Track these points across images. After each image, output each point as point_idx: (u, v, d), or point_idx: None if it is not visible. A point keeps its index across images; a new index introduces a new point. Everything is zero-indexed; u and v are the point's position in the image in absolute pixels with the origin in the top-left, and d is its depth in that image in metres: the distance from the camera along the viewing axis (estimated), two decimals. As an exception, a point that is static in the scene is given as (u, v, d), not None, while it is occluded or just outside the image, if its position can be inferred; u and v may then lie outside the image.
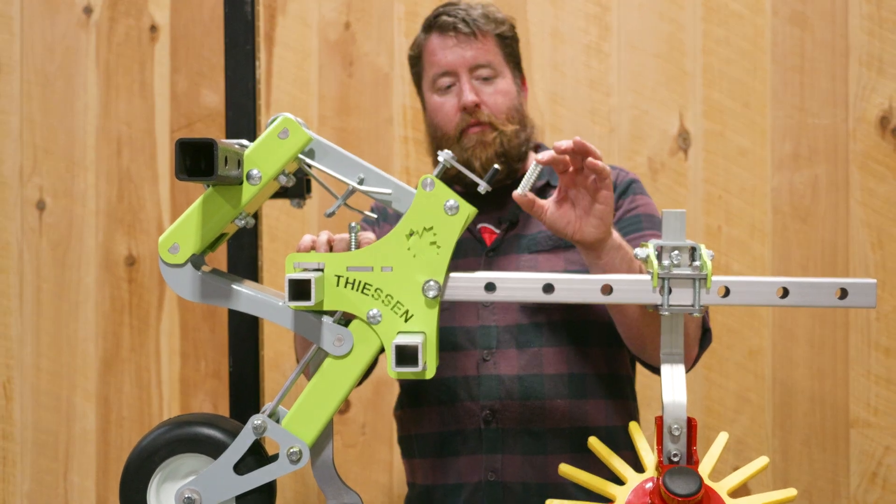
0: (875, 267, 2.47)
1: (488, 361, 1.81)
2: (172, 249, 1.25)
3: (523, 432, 1.79)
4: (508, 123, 1.86)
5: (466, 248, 1.87)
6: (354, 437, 2.59)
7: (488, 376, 1.80)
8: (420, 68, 1.94)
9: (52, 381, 2.65)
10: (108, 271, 2.63)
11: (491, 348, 1.81)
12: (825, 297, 1.26)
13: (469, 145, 1.84)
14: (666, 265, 1.25)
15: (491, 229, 1.90)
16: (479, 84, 1.86)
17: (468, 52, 1.86)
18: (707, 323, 1.80)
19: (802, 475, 2.49)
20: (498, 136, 1.85)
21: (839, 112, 2.49)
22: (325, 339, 1.27)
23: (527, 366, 1.80)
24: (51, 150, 2.65)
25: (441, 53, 1.88)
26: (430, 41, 1.90)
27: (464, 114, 1.85)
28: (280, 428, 1.26)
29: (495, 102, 1.86)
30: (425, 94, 1.93)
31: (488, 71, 1.87)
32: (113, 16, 2.64)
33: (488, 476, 1.79)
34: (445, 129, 1.87)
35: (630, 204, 1.88)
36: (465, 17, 1.87)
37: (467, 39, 1.86)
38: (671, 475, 1.25)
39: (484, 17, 1.88)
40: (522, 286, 1.30)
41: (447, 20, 1.87)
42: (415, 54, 1.96)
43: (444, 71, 1.87)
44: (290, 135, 1.26)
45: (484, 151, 1.84)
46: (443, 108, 1.88)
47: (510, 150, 1.86)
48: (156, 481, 1.28)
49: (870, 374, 2.48)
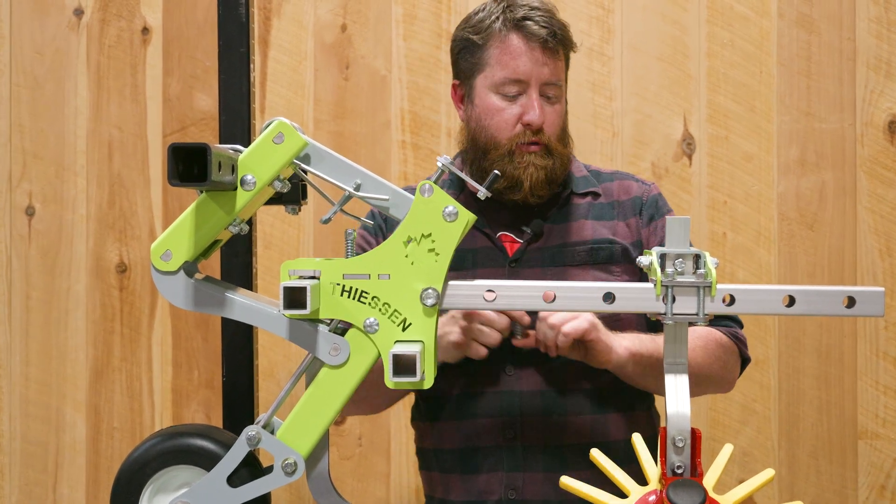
0: (884, 274, 2.48)
1: (511, 377, 1.79)
2: (165, 256, 1.26)
3: (544, 449, 1.79)
4: (560, 146, 1.84)
5: (487, 257, 1.84)
6: (351, 448, 2.57)
7: (510, 392, 1.79)
8: (481, 59, 1.85)
9: (42, 391, 2.63)
10: (98, 278, 2.62)
11: (515, 364, 1.79)
12: (832, 305, 1.26)
13: (522, 163, 1.81)
14: (670, 273, 1.25)
15: (512, 238, 1.87)
16: (544, 101, 1.82)
17: (545, 69, 1.80)
18: (745, 352, 1.86)
19: (809, 487, 2.49)
20: (550, 163, 1.82)
21: (846, 116, 2.49)
22: (321, 349, 1.27)
23: (548, 381, 1.79)
24: (40, 154, 2.64)
25: (520, 60, 1.80)
26: (509, 39, 1.81)
27: (525, 130, 1.81)
28: (275, 439, 1.27)
29: (554, 122, 1.83)
30: (480, 88, 1.85)
31: (555, 90, 1.83)
32: (104, 17, 2.63)
33: (508, 494, 1.78)
34: (497, 136, 1.82)
35: (663, 225, 1.88)
36: (554, 29, 1.81)
37: (550, 54, 1.81)
38: (675, 488, 1.25)
39: (565, 31, 1.84)
40: (522, 294, 1.30)
41: (535, 29, 1.80)
42: (478, 42, 1.85)
43: (516, 78, 1.81)
44: (285, 139, 1.27)
45: (536, 173, 1.80)
46: (502, 114, 1.82)
47: (558, 176, 1.84)
48: (147, 493, 1.29)
49: (878, 384, 2.47)
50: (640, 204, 1.88)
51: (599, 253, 1.82)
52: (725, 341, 1.82)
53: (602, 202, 1.88)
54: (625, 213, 1.87)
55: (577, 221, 1.85)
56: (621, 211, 1.87)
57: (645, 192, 1.90)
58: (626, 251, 1.83)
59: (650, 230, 1.86)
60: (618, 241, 1.83)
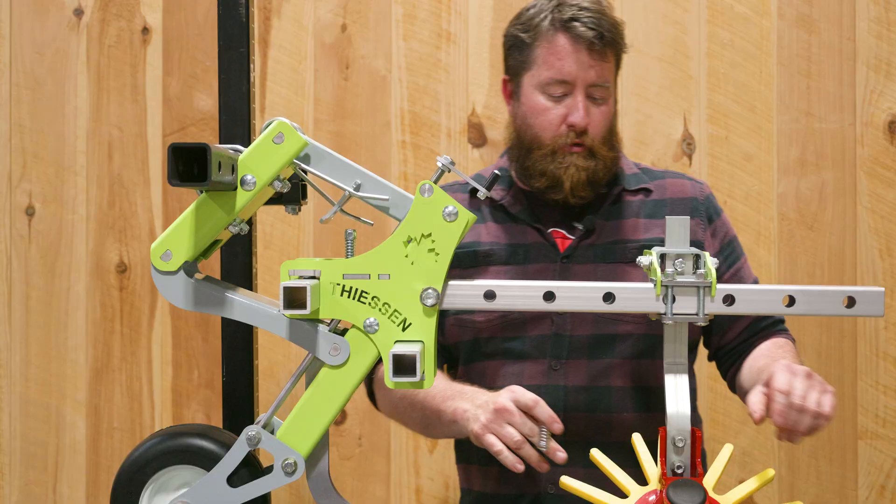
0: (884, 274, 2.47)
1: (557, 371, 1.79)
2: (165, 256, 1.25)
3: (586, 445, 1.76)
4: (606, 149, 1.83)
5: (539, 253, 1.84)
6: (351, 448, 2.57)
7: (555, 386, 1.79)
8: (529, 57, 1.84)
9: (42, 391, 2.63)
10: (98, 279, 2.62)
11: (561, 358, 1.79)
12: (832, 305, 1.26)
13: (564, 163, 1.80)
14: (669, 273, 1.25)
15: (563, 234, 1.87)
16: (590, 103, 1.81)
17: (591, 71, 1.80)
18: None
19: (809, 488, 2.49)
20: (595, 164, 1.81)
21: (846, 116, 2.48)
22: (321, 349, 1.27)
23: (596, 377, 1.79)
24: (40, 154, 2.63)
25: (566, 61, 1.80)
26: (556, 39, 1.81)
27: (569, 131, 1.81)
28: (275, 439, 1.26)
29: (599, 124, 1.82)
30: (527, 86, 1.84)
31: (602, 91, 1.82)
32: (104, 17, 2.63)
33: (548, 489, 1.78)
34: (541, 135, 1.82)
35: (722, 227, 1.90)
36: (601, 31, 1.79)
37: (598, 56, 1.80)
38: (675, 488, 1.25)
39: (615, 32, 1.82)
40: (523, 294, 1.30)
41: (582, 31, 1.79)
42: (526, 40, 1.85)
43: (562, 79, 1.80)
44: (285, 139, 1.26)
45: (577, 174, 1.80)
46: (547, 113, 1.82)
47: (601, 178, 1.84)
48: (147, 493, 1.29)
49: (878, 384, 2.47)
50: (697, 204, 1.88)
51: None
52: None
53: (654, 199, 1.88)
54: (678, 212, 1.85)
55: (630, 219, 1.85)
56: (674, 209, 1.87)
57: (700, 192, 1.90)
58: None
59: (709, 232, 1.87)
60: None
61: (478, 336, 1.84)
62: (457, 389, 1.73)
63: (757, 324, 1.86)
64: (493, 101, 2.54)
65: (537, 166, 1.82)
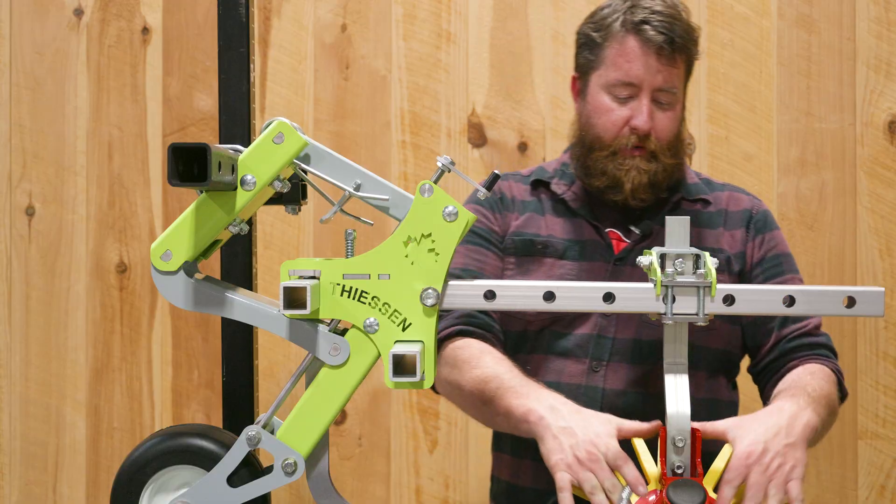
0: (884, 274, 2.47)
1: (597, 373, 1.78)
2: (165, 256, 1.25)
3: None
4: (669, 154, 1.82)
5: (594, 251, 1.84)
6: (351, 448, 2.56)
7: (593, 388, 1.78)
8: (598, 57, 1.83)
9: (42, 391, 2.63)
10: (98, 279, 2.61)
11: (602, 360, 1.78)
12: (832, 305, 1.27)
13: (625, 166, 1.80)
14: (669, 273, 1.25)
15: (619, 236, 1.86)
16: (656, 107, 1.80)
17: (659, 76, 1.79)
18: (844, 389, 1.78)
19: (810, 487, 2.48)
20: (655, 168, 1.81)
21: (846, 116, 2.48)
22: (321, 349, 1.26)
23: (634, 383, 1.77)
24: (40, 154, 2.63)
25: (634, 64, 1.79)
26: (626, 41, 1.80)
27: (631, 133, 1.80)
28: (275, 439, 1.26)
29: (664, 129, 1.81)
30: (594, 86, 1.84)
31: (669, 97, 1.81)
32: (104, 17, 2.62)
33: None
34: (604, 136, 1.82)
35: (770, 241, 1.87)
36: (672, 36, 1.78)
37: (666, 60, 1.79)
38: (675, 488, 1.26)
39: (687, 37, 1.80)
40: (523, 294, 1.30)
41: (652, 34, 1.77)
42: (598, 40, 1.84)
43: (628, 81, 1.79)
44: (285, 139, 1.26)
45: (638, 177, 1.80)
46: (610, 114, 1.81)
47: (662, 182, 1.83)
48: (147, 493, 1.29)
49: (878, 384, 2.46)
50: (749, 217, 1.88)
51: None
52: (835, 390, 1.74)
53: (711, 211, 1.88)
54: (732, 224, 1.87)
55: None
56: (729, 221, 1.87)
57: (755, 207, 1.90)
58: (728, 261, 1.83)
59: (755, 244, 1.86)
60: (721, 251, 1.83)
61: (526, 328, 1.83)
62: (533, 389, 1.62)
63: (789, 342, 1.81)
64: (493, 100, 2.54)
65: (598, 166, 1.82)
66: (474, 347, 1.75)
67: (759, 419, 1.48)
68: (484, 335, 1.79)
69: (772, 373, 1.80)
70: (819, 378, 1.70)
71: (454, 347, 1.76)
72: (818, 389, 1.66)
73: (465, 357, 1.73)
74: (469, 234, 1.87)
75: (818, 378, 1.70)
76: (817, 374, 1.72)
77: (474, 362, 1.71)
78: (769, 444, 1.43)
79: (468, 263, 1.85)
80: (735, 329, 1.83)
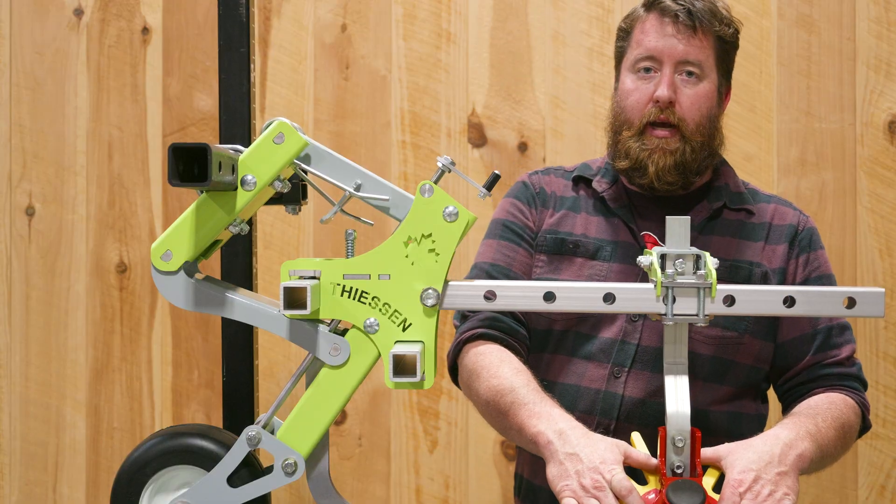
0: (884, 275, 2.46)
1: (618, 379, 1.76)
2: (165, 256, 1.26)
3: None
4: (697, 133, 1.78)
5: (626, 253, 1.81)
6: (351, 448, 2.56)
7: (612, 394, 1.75)
8: (626, 43, 1.84)
9: (42, 391, 2.62)
10: (98, 279, 2.61)
11: (624, 366, 1.76)
12: (832, 305, 1.26)
13: (649, 146, 1.77)
14: (670, 273, 1.25)
15: (655, 239, 1.82)
16: (681, 81, 1.78)
17: (680, 45, 1.76)
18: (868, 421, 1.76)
19: (810, 487, 2.48)
20: (681, 147, 1.77)
21: (846, 116, 2.47)
22: (321, 349, 1.27)
23: (654, 393, 1.74)
24: (40, 154, 2.63)
25: (652, 36, 1.78)
26: (646, 20, 1.80)
27: (654, 107, 1.77)
28: (275, 439, 1.27)
29: (690, 105, 1.78)
30: (623, 72, 1.84)
31: (695, 69, 1.78)
32: (104, 17, 2.62)
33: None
34: (630, 117, 1.80)
35: (814, 262, 1.82)
36: (691, 7, 1.76)
37: (686, 31, 1.76)
38: (674, 488, 1.26)
39: (710, 13, 1.78)
40: (523, 294, 1.30)
41: (670, 5, 1.77)
42: (626, 28, 1.85)
43: (648, 55, 1.78)
44: (285, 139, 1.27)
45: (663, 159, 1.77)
46: (635, 93, 1.79)
47: (690, 163, 1.79)
48: (147, 493, 1.29)
49: (878, 384, 2.46)
50: (795, 233, 1.83)
51: (738, 272, 1.77)
52: (855, 421, 1.72)
53: (753, 222, 1.83)
54: (775, 238, 1.82)
55: (724, 237, 1.81)
56: (772, 235, 1.82)
57: (802, 223, 1.85)
58: (765, 276, 1.78)
59: (798, 262, 1.81)
60: (760, 265, 1.79)
61: (551, 327, 1.81)
62: (546, 409, 1.58)
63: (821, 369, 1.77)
64: (493, 100, 2.54)
65: (622, 147, 1.80)
66: (494, 355, 1.72)
67: (753, 446, 1.47)
68: (506, 340, 1.77)
69: (796, 396, 1.77)
70: (837, 408, 1.67)
71: (476, 353, 1.75)
72: (829, 419, 1.63)
73: (485, 364, 1.71)
74: (502, 228, 1.87)
75: (836, 408, 1.67)
76: (836, 404, 1.68)
77: (493, 370, 1.69)
78: (761, 472, 1.42)
79: (497, 259, 1.83)
80: (767, 346, 1.79)
